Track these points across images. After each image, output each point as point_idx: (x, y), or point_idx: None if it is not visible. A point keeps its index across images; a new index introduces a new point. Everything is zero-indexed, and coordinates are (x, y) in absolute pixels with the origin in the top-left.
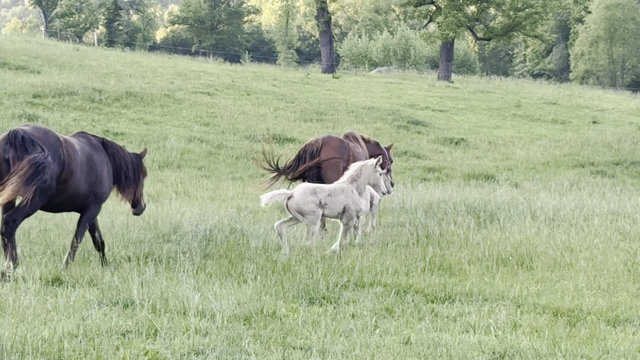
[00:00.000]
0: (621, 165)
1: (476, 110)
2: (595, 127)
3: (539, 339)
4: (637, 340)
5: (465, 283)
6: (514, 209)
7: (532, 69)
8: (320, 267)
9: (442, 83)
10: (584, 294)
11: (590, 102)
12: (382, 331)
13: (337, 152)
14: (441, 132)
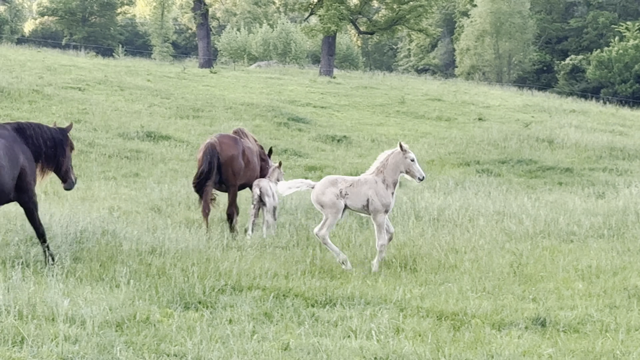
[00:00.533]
0: (507, 164)
1: (359, 106)
2: (481, 124)
3: (422, 343)
4: (522, 344)
5: (346, 286)
6: (398, 209)
7: (417, 64)
8: (196, 270)
9: (324, 78)
10: (469, 296)
11: (476, 99)
12: (260, 337)
13: (234, 150)
14: (323, 130)
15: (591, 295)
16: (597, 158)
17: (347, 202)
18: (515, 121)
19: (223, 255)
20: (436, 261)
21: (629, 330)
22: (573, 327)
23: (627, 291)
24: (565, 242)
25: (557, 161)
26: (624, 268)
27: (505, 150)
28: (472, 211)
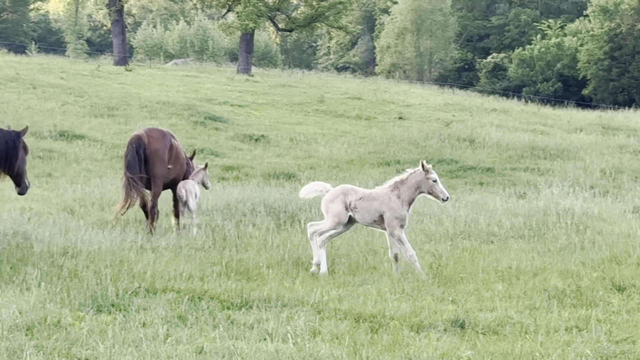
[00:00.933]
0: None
1: (277, 105)
2: (402, 123)
3: (339, 346)
4: (441, 346)
5: (263, 288)
6: (316, 209)
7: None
8: (109, 272)
9: (242, 76)
10: (387, 298)
11: (397, 97)
12: (174, 340)
13: (162, 144)
14: (240, 129)
15: (511, 296)
16: (518, 158)
17: (355, 216)
18: (436, 120)
19: (137, 257)
20: (354, 262)
21: (548, 332)
22: (492, 329)
23: (547, 292)
24: (485, 243)
25: (478, 161)
26: (544, 269)
27: (426, 149)
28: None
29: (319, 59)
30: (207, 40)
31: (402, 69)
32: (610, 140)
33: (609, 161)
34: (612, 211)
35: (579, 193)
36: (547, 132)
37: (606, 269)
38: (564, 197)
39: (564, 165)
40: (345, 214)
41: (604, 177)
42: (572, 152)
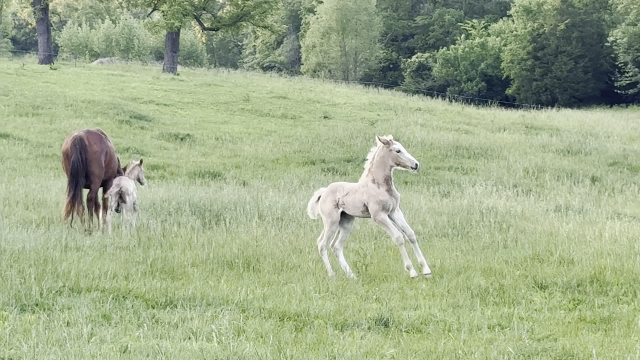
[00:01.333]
0: (353, 162)
1: (203, 104)
2: (327, 122)
3: (264, 344)
4: (365, 344)
5: (188, 287)
6: (241, 208)
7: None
8: (33, 271)
9: (168, 75)
10: (312, 297)
11: (322, 97)
12: (99, 339)
13: (100, 146)
14: (166, 128)
15: (435, 295)
16: (442, 157)
17: (347, 211)
18: (361, 119)
19: (62, 256)
20: (279, 261)
21: (471, 330)
22: (416, 327)
23: (470, 291)
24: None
25: None
26: (467, 267)
27: (351, 148)
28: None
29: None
30: (133, 39)
31: (327, 68)
32: (533, 139)
33: (532, 160)
34: (534, 210)
35: (502, 192)
36: (471, 132)
37: (529, 267)
38: (487, 196)
39: (488, 164)
40: (336, 212)
41: (527, 176)
42: (496, 151)
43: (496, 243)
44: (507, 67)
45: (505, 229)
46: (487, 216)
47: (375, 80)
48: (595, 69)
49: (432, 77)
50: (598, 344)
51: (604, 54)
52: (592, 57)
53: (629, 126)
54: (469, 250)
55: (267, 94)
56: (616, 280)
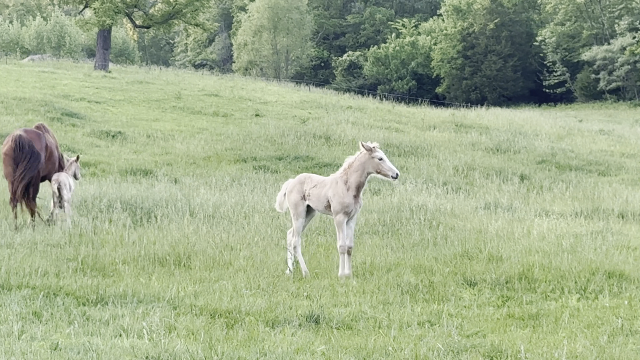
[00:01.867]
0: (284, 160)
1: (134, 101)
2: (259, 120)
3: (195, 342)
4: (296, 341)
5: (119, 284)
6: (173, 205)
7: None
8: None
9: (99, 73)
10: (243, 294)
11: (254, 94)
12: (29, 336)
13: (39, 144)
14: (97, 125)
15: (365, 291)
16: None
17: (311, 204)
18: (292, 117)
19: None
20: (211, 258)
21: (401, 327)
22: (346, 324)
23: (401, 288)
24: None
25: (334, 157)
26: (397, 264)
27: (282, 146)
28: (248, 208)
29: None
30: (65, 36)
31: (259, 66)
32: (462, 137)
33: (462, 158)
34: (464, 207)
35: (432, 189)
36: (402, 130)
37: (458, 264)
38: (417, 193)
39: (418, 162)
40: (302, 204)
41: (457, 174)
42: (426, 149)
43: (426, 240)
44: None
45: (435, 227)
46: (417, 214)
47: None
48: (524, 68)
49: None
50: (526, 340)
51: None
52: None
53: (557, 125)
54: (399, 248)
55: (199, 92)
56: (544, 277)
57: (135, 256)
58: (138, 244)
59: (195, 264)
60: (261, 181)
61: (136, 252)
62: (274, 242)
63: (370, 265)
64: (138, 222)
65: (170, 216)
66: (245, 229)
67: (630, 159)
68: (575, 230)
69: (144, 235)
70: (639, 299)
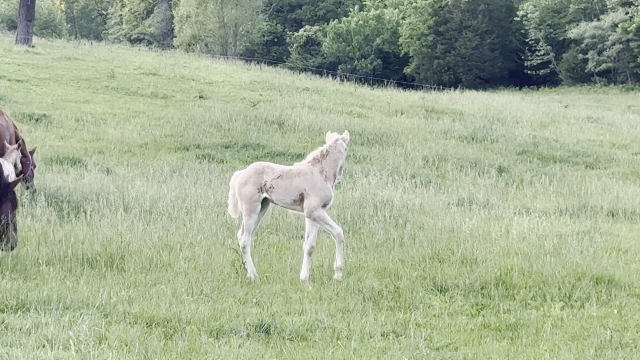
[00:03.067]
0: (232, 149)
1: (62, 80)
2: (203, 103)
3: (128, 354)
4: (243, 353)
5: (43, 288)
6: (104, 199)
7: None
8: None
9: (21, 47)
10: (184, 300)
11: (197, 74)
12: None
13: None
14: (19, 107)
15: (322, 298)
16: None
17: (272, 197)
18: (241, 100)
19: None
20: (147, 260)
21: (362, 338)
22: (301, 334)
23: (363, 294)
24: (294, 238)
25: (288, 146)
26: (359, 267)
27: (230, 133)
28: (190, 202)
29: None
30: None
31: (203, 41)
32: (433, 124)
33: (432, 148)
34: (434, 203)
35: (399, 183)
36: (365, 115)
37: (427, 267)
38: (382, 187)
39: (383, 152)
40: (258, 197)
41: (427, 166)
42: (392, 137)
43: (391, 240)
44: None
45: (401, 225)
46: (381, 210)
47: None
48: (503, 47)
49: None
50: (503, 353)
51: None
52: (500, 33)
53: (540, 111)
54: (361, 249)
55: (135, 70)
56: (524, 282)
57: (61, 256)
58: (65, 242)
59: (129, 265)
60: (205, 172)
61: (62, 251)
62: (219, 241)
63: (329, 268)
64: (65, 218)
65: (101, 211)
66: (187, 227)
67: (621, 150)
68: (559, 230)
69: (72, 232)
70: (629, 308)
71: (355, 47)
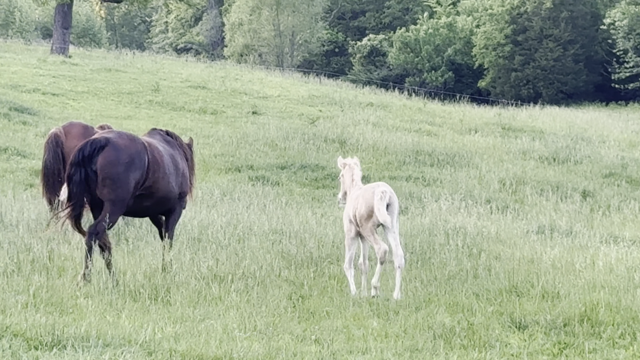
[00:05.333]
0: (288, 170)
1: (101, 94)
2: (256, 119)
3: None
4: None
5: (80, 323)
6: (148, 225)
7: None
8: None
9: (57, 57)
10: (236, 337)
11: (250, 87)
12: None
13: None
14: (54, 124)
15: (388, 335)
16: (399, 164)
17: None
18: (298, 116)
19: None
20: (195, 292)
21: None
22: None
23: (433, 330)
24: (356, 268)
25: None
26: (429, 302)
27: (286, 152)
28: (243, 229)
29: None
30: (14, 11)
31: (257, 51)
32: (511, 144)
33: (510, 170)
34: (512, 231)
35: (473, 208)
36: (435, 133)
37: (504, 302)
38: (454, 213)
39: (455, 174)
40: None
41: (503, 189)
42: (465, 157)
43: (464, 272)
44: (480, 54)
45: (475, 255)
46: (453, 238)
47: (316, 67)
48: (588, 58)
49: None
50: None
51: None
52: (585, 43)
53: (629, 129)
54: (431, 281)
55: (182, 83)
56: (611, 319)
57: (101, 288)
58: (105, 272)
59: (176, 298)
60: (259, 195)
61: (102, 283)
62: (275, 272)
63: (395, 302)
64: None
65: (145, 238)
66: (239, 256)
67: None
68: None
69: (113, 261)
70: None
71: (425, 58)
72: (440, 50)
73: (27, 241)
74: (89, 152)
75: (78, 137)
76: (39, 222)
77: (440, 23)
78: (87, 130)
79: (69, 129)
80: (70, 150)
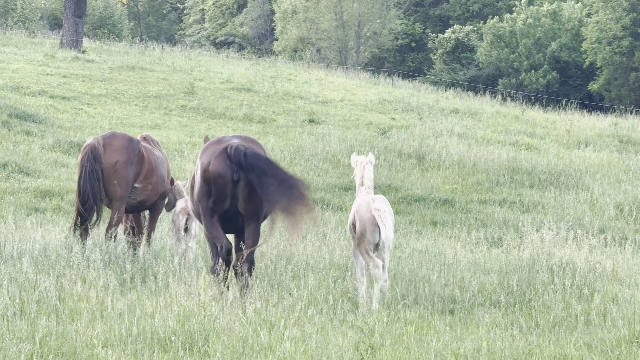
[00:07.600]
0: (353, 191)
1: (122, 97)
2: (314, 129)
3: None
4: None
5: None
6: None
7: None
8: None
9: (68, 53)
10: None
11: (307, 90)
12: None
13: (123, 154)
14: (65, 134)
15: None
16: (491, 185)
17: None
18: (366, 125)
19: None
20: (240, 340)
21: None
22: None
23: None
24: (441, 313)
25: (430, 188)
26: (530, 353)
27: (351, 170)
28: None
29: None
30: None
31: (315, 46)
32: (631, 160)
33: (629, 192)
34: (632, 268)
35: (583, 240)
36: (536, 147)
37: (623, 354)
38: (560, 245)
39: (561, 197)
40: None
41: (621, 217)
42: (573, 177)
43: (573, 317)
44: (592, 50)
45: (587, 297)
46: (559, 276)
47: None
48: None
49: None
50: None
51: None
52: None
53: None
54: (532, 328)
55: (222, 84)
56: None
57: (122, 335)
58: (128, 316)
59: (216, 348)
60: (318, 222)
61: (125, 329)
62: (338, 316)
63: (488, 352)
64: (128, 283)
65: (177, 274)
66: (294, 297)
67: None
68: None
69: (137, 302)
70: None
71: (523, 54)
72: (542, 44)
73: (33, 276)
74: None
75: (121, 152)
76: (47, 255)
77: (541, 11)
78: (132, 143)
79: (110, 141)
80: (109, 166)
